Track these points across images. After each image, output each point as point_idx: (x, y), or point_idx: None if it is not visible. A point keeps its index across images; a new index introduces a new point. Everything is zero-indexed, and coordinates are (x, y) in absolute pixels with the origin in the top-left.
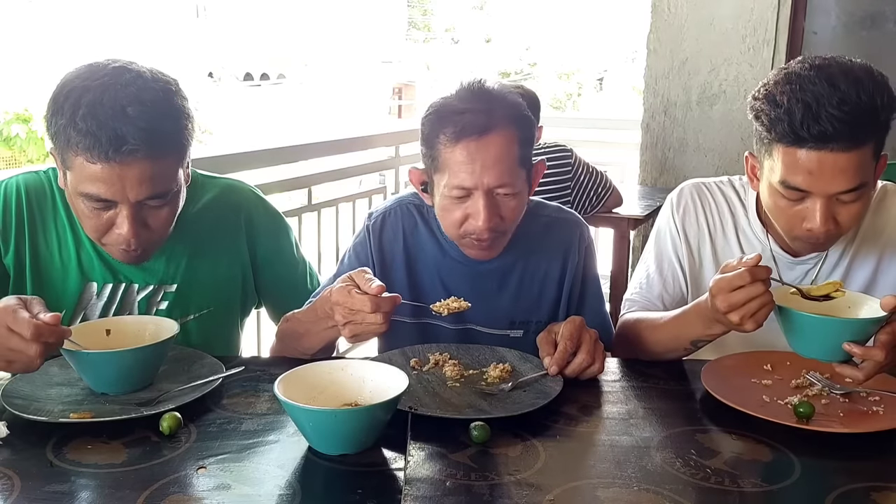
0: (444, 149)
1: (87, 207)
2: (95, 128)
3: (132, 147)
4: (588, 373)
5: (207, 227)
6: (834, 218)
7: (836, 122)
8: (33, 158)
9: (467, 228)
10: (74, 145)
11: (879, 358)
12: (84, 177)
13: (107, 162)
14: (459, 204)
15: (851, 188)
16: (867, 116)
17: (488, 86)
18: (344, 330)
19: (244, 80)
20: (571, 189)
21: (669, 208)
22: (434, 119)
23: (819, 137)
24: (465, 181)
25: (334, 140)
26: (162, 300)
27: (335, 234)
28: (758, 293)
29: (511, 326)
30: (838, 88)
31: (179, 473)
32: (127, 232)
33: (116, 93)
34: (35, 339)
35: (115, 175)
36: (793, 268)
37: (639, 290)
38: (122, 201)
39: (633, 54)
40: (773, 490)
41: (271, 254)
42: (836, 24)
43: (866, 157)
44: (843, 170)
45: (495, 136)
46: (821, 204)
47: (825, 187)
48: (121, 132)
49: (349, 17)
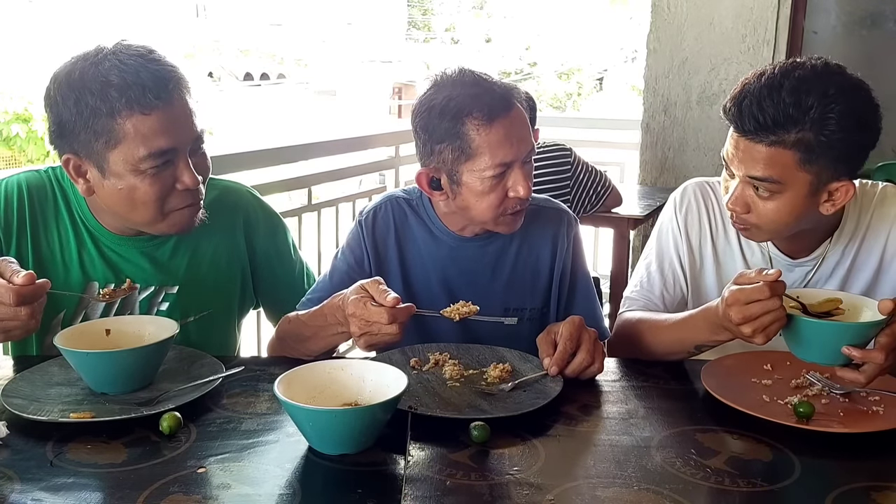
0: (476, 134)
1: (147, 177)
2: (134, 77)
3: (174, 83)
4: (588, 373)
5: (207, 229)
6: (747, 204)
7: (753, 120)
8: (33, 158)
9: (507, 205)
10: (122, 108)
11: (880, 360)
12: (142, 137)
13: (159, 102)
14: (498, 182)
15: (761, 177)
16: (784, 123)
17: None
18: (359, 341)
19: (244, 80)
20: (571, 188)
21: (672, 207)
22: (455, 108)
23: (735, 123)
24: (506, 156)
25: (334, 140)
26: (163, 301)
27: (335, 234)
28: (773, 308)
29: (505, 313)
30: (775, 89)
31: (179, 473)
32: (192, 179)
33: (124, 53)
34: (19, 304)
35: (169, 119)
36: (791, 269)
37: (639, 288)
38: (180, 147)
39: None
40: (773, 490)
41: (269, 254)
42: (836, 23)
43: (781, 157)
44: (753, 158)
45: (517, 109)
46: (736, 183)
47: (739, 167)
48: (157, 73)
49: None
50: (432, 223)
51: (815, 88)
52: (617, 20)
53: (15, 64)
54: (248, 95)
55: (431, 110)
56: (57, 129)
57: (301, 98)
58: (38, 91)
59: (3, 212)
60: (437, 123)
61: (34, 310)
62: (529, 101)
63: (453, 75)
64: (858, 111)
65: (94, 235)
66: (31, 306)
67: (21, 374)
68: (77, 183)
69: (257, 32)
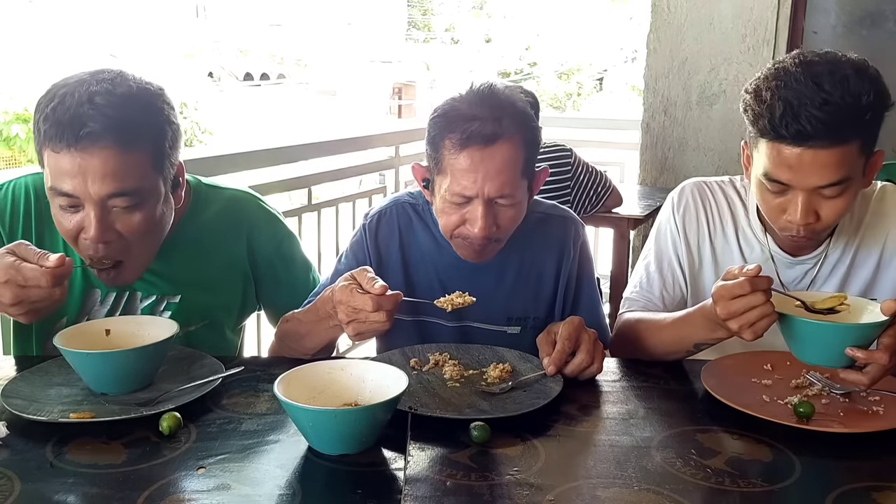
0: (448, 153)
1: (57, 209)
2: (61, 114)
3: (91, 130)
4: (587, 373)
5: (211, 240)
6: (815, 212)
7: (816, 121)
8: (33, 158)
9: (462, 232)
10: (44, 137)
11: (883, 361)
12: (51, 170)
13: (68, 148)
14: (458, 209)
15: (832, 182)
16: (849, 116)
17: (498, 90)
18: (347, 329)
19: (244, 80)
20: (571, 189)
21: (670, 207)
22: (441, 122)
23: (797, 136)
24: (466, 189)
25: (334, 140)
26: (165, 310)
27: (335, 234)
28: (757, 303)
29: (508, 323)
30: (822, 88)
31: (179, 473)
32: (93, 233)
33: (90, 86)
34: (55, 286)
35: (78, 165)
36: (792, 267)
37: (638, 288)
38: (86, 198)
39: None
40: (773, 490)
41: (273, 262)
42: (836, 23)
43: (850, 153)
44: (824, 165)
45: (501, 146)
46: (802, 197)
47: (805, 181)
48: (83, 117)
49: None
50: (436, 229)
51: (845, 74)
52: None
53: (15, 64)
54: (248, 95)
55: (435, 113)
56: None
57: (301, 98)
58: (38, 91)
59: (10, 213)
60: (432, 128)
61: (64, 287)
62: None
63: (473, 90)
64: (880, 81)
65: None
66: (63, 285)
67: (21, 374)
68: None
69: (257, 32)
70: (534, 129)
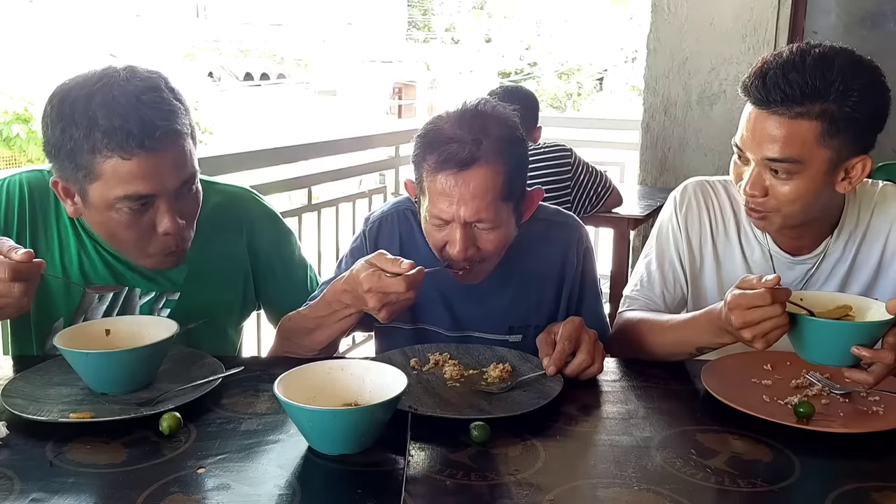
0: (426, 175)
1: (124, 217)
2: (121, 121)
3: (163, 130)
4: (587, 373)
5: (210, 236)
6: (764, 188)
7: (775, 83)
8: (33, 158)
9: (446, 254)
10: (103, 148)
11: (889, 360)
12: (119, 179)
13: (142, 151)
14: (439, 230)
15: (779, 157)
16: (810, 92)
17: (484, 111)
18: (380, 314)
19: (244, 80)
20: (571, 189)
21: (672, 206)
22: (422, 143)
23: (761, 99)
24: (441, 212)
25: (334, 140)
26: (164, 307)
27: (335, 234)
28: (774, 314)
29: (510, 332)
30: (803, 61)
31: (179, 473)
32: (172, 225)
33: (122, 88)
34: (15, 279)
35: (152, 165)
36: (792, 267)
37: (639, 287)
38: (160, 193)
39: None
40: (773, 490)
41: (273, 260)
42: (837, 23)
43: (804, 132)
44: (774, 136)
45: (477, 170)
46: (752, 168)
47: (755, 149)
48: (147, 118)
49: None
50: None
51: (837, 63)
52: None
53: (15, 64)
54: (248, 95)
55: (420, 134)
56: (47, 150)
57: (301, 98)
58: (38, 91)
59: (4, 210)
60: (415, 147)
61: (28, 288)
62: (530, 100)
63: (459, 109)
64: (878, 86)
65: (95, 239)
66: (25, 284)
67: (21, 374)
68: (65, 203)
69: (257, 32)
70: (518, 152)
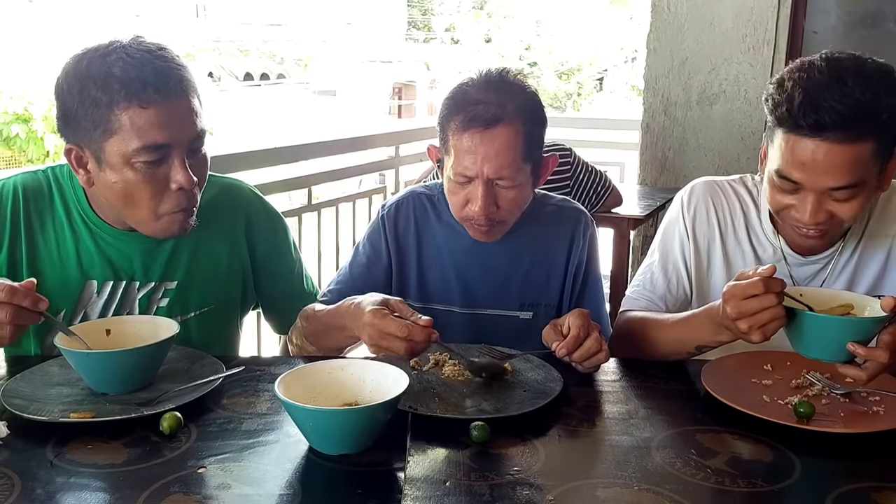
0: (452, 135)
1: (140, 173)
2: (137, 71)
3: (176, 80)
4: (594, 360)
5: (207, 226)
6: (828, 213)
7: (834, 112)
8: (33, 158)
9: (467, 212)
10: (121, 100)
11: (883, 359)
12: (137, 130)
13: (159, 98)
14: (461, 188)
15: (844, 185)
16: (867, 113)
17: (508, 77)
18: (369, 348)
19: (244, 80)
20: (571, 188)
21: (679, 206)
22: (450, 104)
23: (815, 126)
24: (467, 169)
25: (334, 140)
26: (162, 297)
27: (335, 234)
28: (769, 304)
29: (521, 308)
30: (843, 82)
31: (179, 473)
32: (185, 178)
33: (132, 47)
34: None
35: (168, 115)
36: (802, 266)
37: (641, 288)
38: (176, 144)
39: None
40: (773, 490)
41: (269, 252)
42: (837, 23)
43: (864, 154)
44: (837, 164)
45: (502, 129)
46: (812, 197)
47: (817, 181)
48: (160, 69)
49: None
50: (452, 218)
51: (868, 73)
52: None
53: (15, 64)
54: (248, 95)
55: (447, 97)
56: (62, 118)
57: (301, 98)
58: (38, 91)
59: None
60: (443, 109)
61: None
62: None
63: (484, 74)
64: None
65: (93, 231)
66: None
67: (21, 374)
68: (78, 174)
69: (257, 32)
70: (538, 116)
